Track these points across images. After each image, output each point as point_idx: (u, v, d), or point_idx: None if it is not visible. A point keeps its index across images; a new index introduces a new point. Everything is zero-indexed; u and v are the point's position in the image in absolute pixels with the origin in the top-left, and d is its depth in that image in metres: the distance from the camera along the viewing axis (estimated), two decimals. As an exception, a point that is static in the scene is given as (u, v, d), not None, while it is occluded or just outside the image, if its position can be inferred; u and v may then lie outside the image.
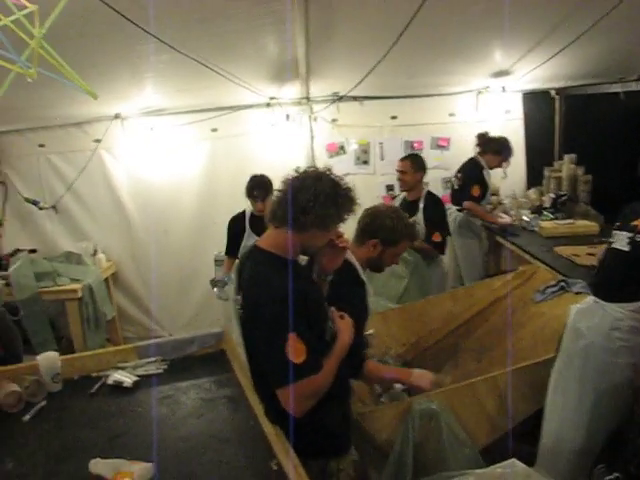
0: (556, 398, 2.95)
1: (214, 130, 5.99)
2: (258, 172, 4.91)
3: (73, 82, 2.17)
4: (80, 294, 5.34)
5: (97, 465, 2.12)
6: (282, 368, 2.08)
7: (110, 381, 2.89)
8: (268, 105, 5.94)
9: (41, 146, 6.04)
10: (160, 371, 3.03)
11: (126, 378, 2.89)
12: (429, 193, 5.09)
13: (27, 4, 2.00)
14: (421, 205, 4.97)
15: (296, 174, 2.31)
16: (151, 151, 5.96)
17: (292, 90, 5.75)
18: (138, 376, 2.94)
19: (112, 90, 4.99)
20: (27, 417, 2.66)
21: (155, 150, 5.96)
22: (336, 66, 5.25)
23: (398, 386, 3.37)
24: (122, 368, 3.03)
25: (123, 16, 3.54)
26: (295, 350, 2.08)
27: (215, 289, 5.06)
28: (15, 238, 6.15)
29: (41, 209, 5.99)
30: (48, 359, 2.92)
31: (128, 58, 4.30)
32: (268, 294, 2.15)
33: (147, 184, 5.99)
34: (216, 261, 5.08)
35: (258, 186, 4.79)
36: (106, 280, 5.96)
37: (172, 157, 6.01)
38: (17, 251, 5.80)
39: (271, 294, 2.13)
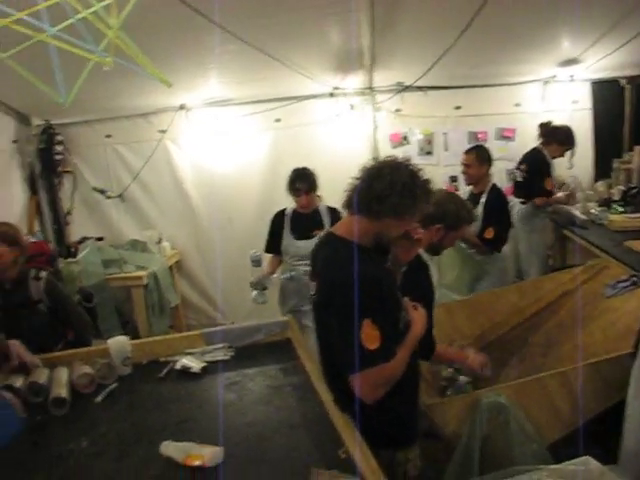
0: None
1: (277, 120, 6.02)
2: (321, 163, 4.90)
3: (148, 71, 2.21)
4: (145, 281, 5.46)
5: (168, 447, 2.17)
6: (356, 354, 2.06)
7: (178, 366, 2.95)
8: (331, 95, 5.94)
9: (108, 137, 6.20)
10: (227, 358, 3.06)
11: (194, 364, 2.93)
12: (494, 186, 4.94)
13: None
14: (483, 199, 4.84)
15: (374, 162, 2.31)
16: (215, 141, 6.04)
17: (355, 80, 5.73)
18: (205, 362, 2.99)
19: (178, 81, 5.04)
20: (99, 398, 2.74)
21: (219, 140, 6.03)
22: (400, 55, 5.20)
23: (463, 378, 3.35)
24: (190, 354, 3.08)
25: (190, 6, 3.61)
26: (369, 336, 2.07)
27: (254, 292, 4.61)
28: (82, 226, 6.31)
29: (108, 198, 6.14)
30: (119, 343, 2.99)
31: (194, 49, 4.35)
32: (344, 279, 2.13)
33: (211, 174, 6.07)
34: (253, 261, 4.61)
35: (301, 178, 4.50)
36: (170, 268, 6.07)
37: (236, 147, 6.07)
38: (85, 239, 5.96)
39: (347, 279, 2.10)
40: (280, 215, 4.78)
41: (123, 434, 2.42)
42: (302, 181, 4.48)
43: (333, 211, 4.51)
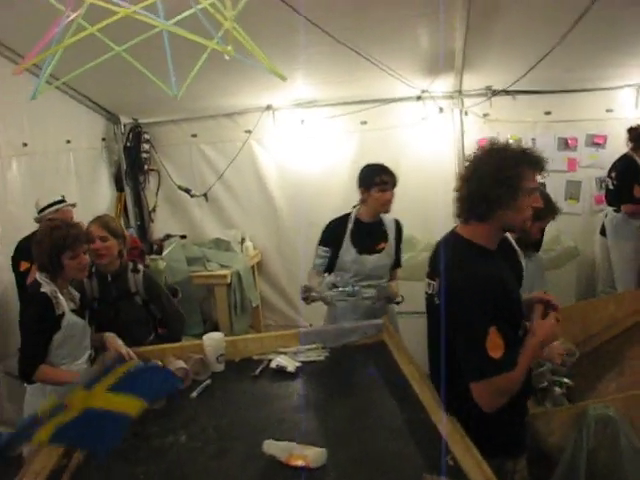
0: None
1: (363, 123, 5.96)
2: (407, 167, 4.80)
3: (264, 64, 2.18)
4: (229, 280, 5.48)
5: (270, 446, 2.13)
6: (480, 361, 2.03)
7: (273, 365, 2.92)
8: (419, 98, 5.84)
9: (193, 136, 6.26)
10: (321, 358, 3.03)
11: (288, 363, 2.90)
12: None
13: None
14: None
15: (467, 163, 2.26)
16: (300, 143, 6.01)
17: (444, 83, 5.62)
18: (300, 362, 2.96)
19: (265, 81, 5.07)
20: (194, 394, 2.74)
21: (304, 142, 6.01)
22: (492, 59, 5.07)
23: (557, 390, 3.23)
24: (283, 353, 3.06)
25: (289, 5, 3.61)
26: (494, 345, 2.01)
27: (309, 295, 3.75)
28: (165, 224, 6.41)
29: (192, 197, 6.20)
30: (214, 339, 2.99)
31: (285, 48, 4.33)
32: (470, 283, 2.09)
33: (295, 175, 6.05)
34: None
35: (386, 170, 3.83)
36: (252, 268, 6.08)
37: (321, 149, 6.02)
38: (168, 236, 6.04)
39: (473, 283, 2.07)
40: (342, 223, 3.99)
41: (222, 430, 2.40)
42: (389, 174, 3.81)
43: (398, 224, 3.98)
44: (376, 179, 3.79)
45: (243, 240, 6.06)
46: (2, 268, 4.35)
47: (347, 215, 4.02)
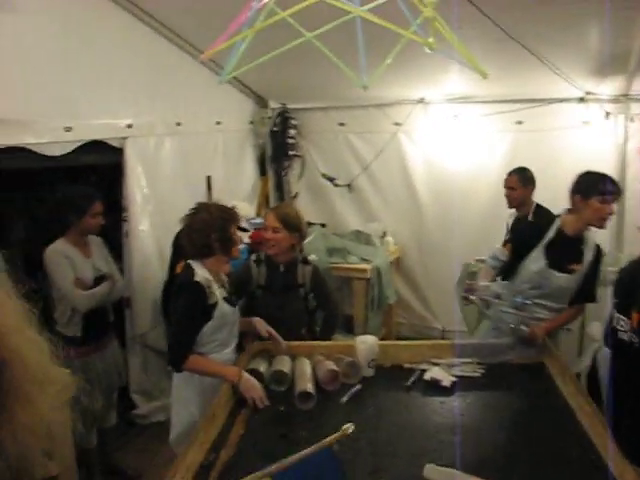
0: None
1: (519, 123, 5.63)
2: (562, 172, 4.45)
3: (464, 58, 2.02)
4: (369, 275, 5.35)
5: (432, 471, 1.99)
6: None
7: (427, 377, 2.77)
8: (581, 100, 5.46)
9: (341, 125, 6.17)
10: (477, 374, 2.85)
11: (443, 377, 2.73)
12: (538, 206, 4.67)
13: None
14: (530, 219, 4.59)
15: None
16: (451, 139, 5.78)
17: (610, 86, 5.22)
18: (454, 376, 2.78)
19: (419, 74, 4.91)
20: (344, 399, 2.63)
21: (455, 138, 5.77)
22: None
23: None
24: (436, 364, 2.89)
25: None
26: None
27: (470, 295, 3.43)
28: (305, 211, 6.26)
29: (336, 186, 6.12)
30: (367, 343, 2.87)
31: (446, 42, 4.12)
32: None
33: (443, 172, 5.83)
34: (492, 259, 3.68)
35: (611, 180, 3.34)
36: (390, 264, 5.92)
37: (471, 147, 5.76)
38: (309, 224, 5.97)
39: None
40: (540, 228, 3.53)
41: (376, 445, 2.28)
42: (615, 185, 3.35)
43: (599, 250, 3.45)
44: (600, 187, 3.29)
45: (384, 234, 5.91)
46: (147, 238, 4.45)
47: (550, 220, 3.58)
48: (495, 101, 5.63)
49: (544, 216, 4.20)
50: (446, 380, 2.71)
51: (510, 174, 4.83)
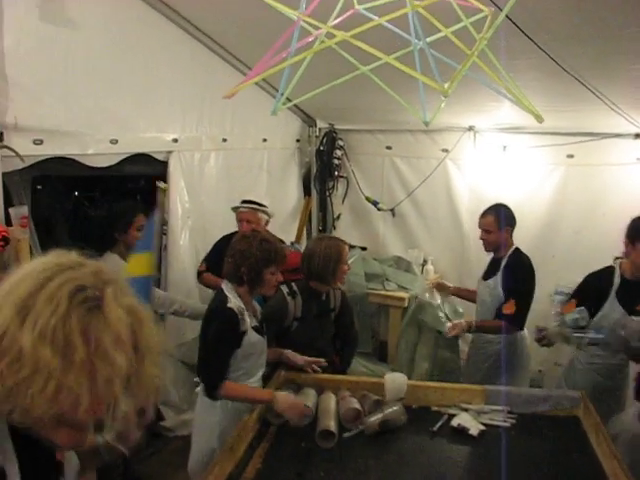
0: None
1: (570, 156, 5.47)
2: (611, 209, 4.33)
3: (518, 101, 1.96)
4: (406, 304, 5.25)
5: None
6: None
7: (454, 423, 2.68)
8: (637, 137, 5.29)
9: (388, 148, 6.09)
10: (507, 424, 2.74)
11: (471, 425, 2.64)
12: (516, 250, 4.13)
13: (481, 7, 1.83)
14: (503, 263, 4.10)
15: None
16: (500, 169, 5.65)
17: (669, 121, 5.06)
18: (483, 424, 2.68)
19: (469, 101, 4.81)
20: (346, 435, 2.55)
21: (503, 168, 5.64)
22: None
23: None
24: (465, 410, 2.79)
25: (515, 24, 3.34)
26: None
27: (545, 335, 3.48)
28: (347, 233, 6.28)
29: (379, 210, 6.04)
30: (396, 382, 2.80)
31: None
32: None
33: (489, 203, 5.59)
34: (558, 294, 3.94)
35: None
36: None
37: (520, 178, 5.62)
38: (350, 247, 5.91)
39: None
40: (605, 276, 3.53)
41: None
42: None
43: None
44: None
45: (425, 262, 5.81)
46: (188, 255, 4.46)
47: (609, 267, 3.57)
48: (546, 132, 5.49)
49: (520, 260, 4.09)
50: (474, 429, 2.62)
51: (483, 215, 4.29)
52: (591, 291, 3.51)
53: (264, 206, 4.29)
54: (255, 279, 2.86)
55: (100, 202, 6.36)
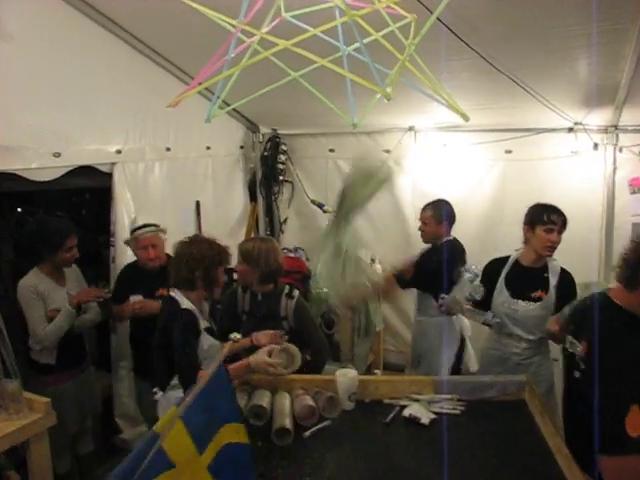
0: None
1: (508, 152, 5.64)
2: (550, 201, 4.48)
3: (445, 101, 2.04)
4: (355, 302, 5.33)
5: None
6: (614, 437, 2.02)
7: (406, 414, 2.76)
8: (570, 130, 5.48)
9: (331, 151, 6.18)
10: (457, 412, 2.82)
11: (422, 414, 2.72)
12: (447, 241, 4.38)
13: (405, 14, 1.91)
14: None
15: None
16: (441, 167, 5.78)
17: (599, 117, 5.24)
18: (433, 413, 2.77)
19: (408, 103, 4.91)
20: (307, 434, 2.62)
21: (445, 167, 5.77)
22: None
23: None
24: (416, 400, 2.87)
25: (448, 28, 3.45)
26: (634, 423, 1.99)
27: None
28: (294, 236, 6.38)
29: (325, 212, 6.10)
30: (348, 377, 2.86)
31: (438, 71, 4.15)
32: (621, 356, 2.09)
33: (431, 200, 5.83)
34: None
35: (556, 210, 3.53)
36: (377, 290, 5.91)
37: (461, 175, 5.77)
38: (297, 249, 5.98)
39: (623, 356, 2.07)
40: (501, 263, 3.81)
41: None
42: (559, 214, 3.51)
43: (565, 276, 3.57)
44: (543, 216, 3.49)
45: (372, 261, 5.90)
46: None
47: (508, 257, 3.82)
48: (484, 130, 5.64)
49: (436, 251, 4.34)
50: (425, 417, 2.70)
51: (424, 208, 4.54)
52: (490, 274, 3.78)
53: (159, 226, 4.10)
54: (210, 281, 2.95)
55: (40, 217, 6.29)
